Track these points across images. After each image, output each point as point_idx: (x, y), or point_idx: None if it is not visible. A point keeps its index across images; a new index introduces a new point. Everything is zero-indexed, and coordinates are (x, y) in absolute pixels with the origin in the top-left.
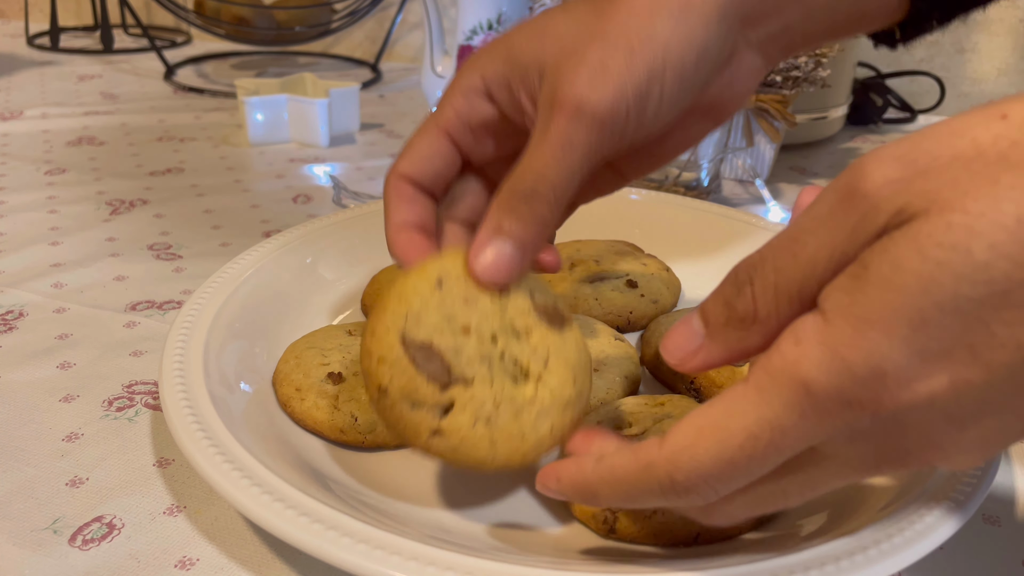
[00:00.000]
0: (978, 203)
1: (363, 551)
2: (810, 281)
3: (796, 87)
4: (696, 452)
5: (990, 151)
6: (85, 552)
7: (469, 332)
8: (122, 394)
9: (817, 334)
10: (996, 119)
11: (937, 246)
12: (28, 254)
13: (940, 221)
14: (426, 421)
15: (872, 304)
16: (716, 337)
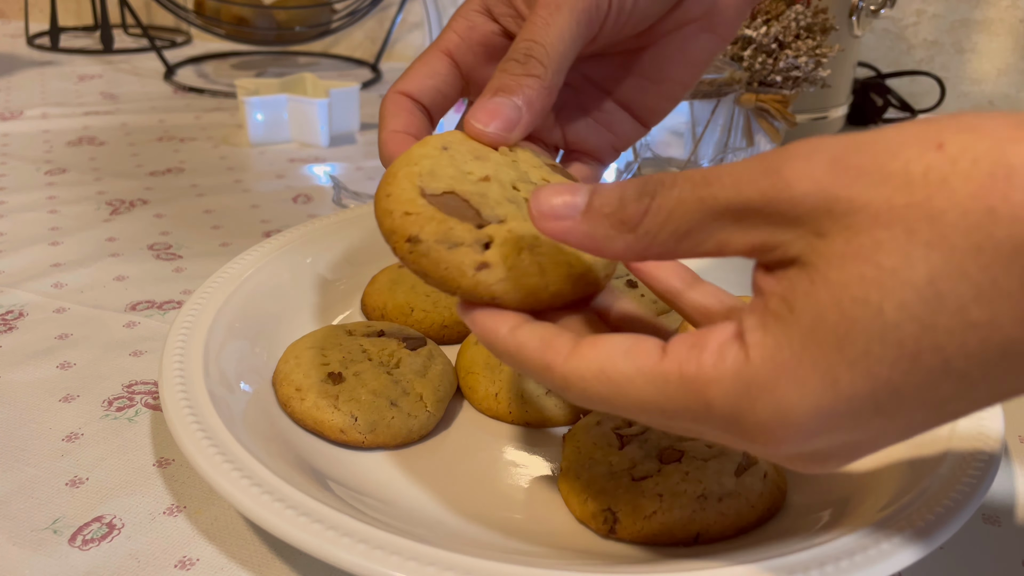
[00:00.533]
0: (891, 258)
1: (363, 551)
2: (701, 230)
3: (796, 87)
4: (588, 387)
5: (917, 183)
6: (85, 552)
7: (489, 180)
8: (122, 394)
9: (736, 367)
10: (932, 148)
11: (852, 301)
12: (28, 254)
13: (855, 271)
14: (469, 256)
15: (791, 352)
16: (590, 221)
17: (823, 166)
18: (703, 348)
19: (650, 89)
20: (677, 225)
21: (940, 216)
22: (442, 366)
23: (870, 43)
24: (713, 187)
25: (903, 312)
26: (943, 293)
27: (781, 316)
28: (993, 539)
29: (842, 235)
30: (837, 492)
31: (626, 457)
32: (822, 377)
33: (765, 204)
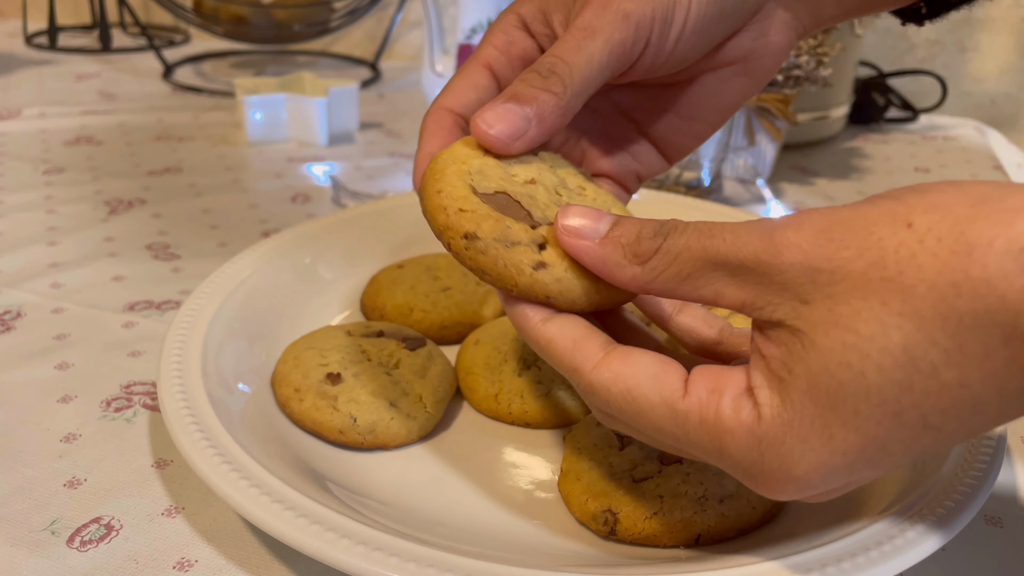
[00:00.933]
0: (868, 327)
1: (361, 552)
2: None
3: (798, 86)
4: (611, 400)
5: (890, 259)
6: (83, 553)
7: (535, 183)
8: (120, 395)
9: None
10: (903, 227)
11: (838, 365)
12: (26, 254)
13: (838, 338)
14: (527, 256)
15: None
16: (606, 246)
17: (810, 237)
18: (721, 395)
19: (678, 126)
20: (680, 268)
21: (911, 289)
22: (442, 367)
23: (872, 42)
24: (715, 240)
25: (883, 375)
26: (916, 358)
27: (783, 379)
28: (995, 540)
29: (824, 303)
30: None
31: (627, 458)
32: (820, 434)
33: (757, 265)
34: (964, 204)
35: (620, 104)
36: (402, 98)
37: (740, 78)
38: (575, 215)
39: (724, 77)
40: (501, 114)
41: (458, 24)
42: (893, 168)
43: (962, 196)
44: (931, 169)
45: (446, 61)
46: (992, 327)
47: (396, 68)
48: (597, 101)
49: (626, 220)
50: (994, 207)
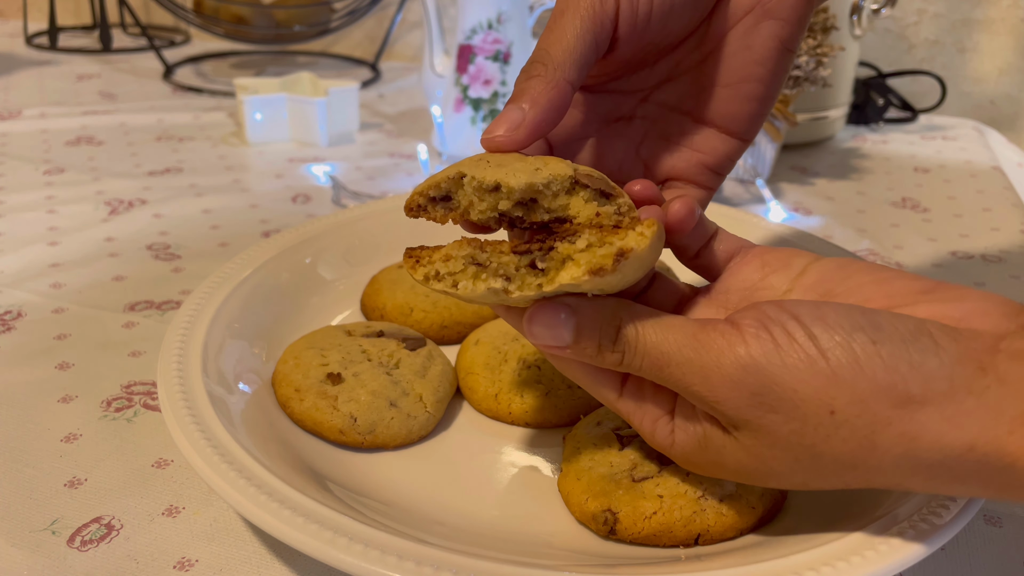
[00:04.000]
0: (775, 463)
1: (360, 551)
2: (662, 375)
3: (797, 86)
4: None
5: (809, 434)
6: (84, 553)
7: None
8: (121, 394)
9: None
10: (826, 413)
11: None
12: (26, 254)
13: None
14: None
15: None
16: (576, 353)
17: (745, 398)
18: (644, 414)
19: (726, 95)
20: (644, 370)
21: (819, 458)
22: (442, 366)
23: (871, 42)
24: (665, 372)
25: (781, 483)
26: (810, 484)
27: (700, 443)
28: (994, 540)
29: (751, 438)
30: (837, 494)
31: (626, 458)
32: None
33: (702, 402)
34: (886, 404)
35: (667, 102)
36: (402, 98)
37: (765, 21)
38: (541, 336)
39: (747, 27)
40: (497, 120)
41: (458, 24)
42: (892, 168)
43: (888, 393)
44: (930, 169)
45: (446, 61)
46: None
47: (396, 68)
48: (644, 108)
49: (583, 330)
50: (911, 415)
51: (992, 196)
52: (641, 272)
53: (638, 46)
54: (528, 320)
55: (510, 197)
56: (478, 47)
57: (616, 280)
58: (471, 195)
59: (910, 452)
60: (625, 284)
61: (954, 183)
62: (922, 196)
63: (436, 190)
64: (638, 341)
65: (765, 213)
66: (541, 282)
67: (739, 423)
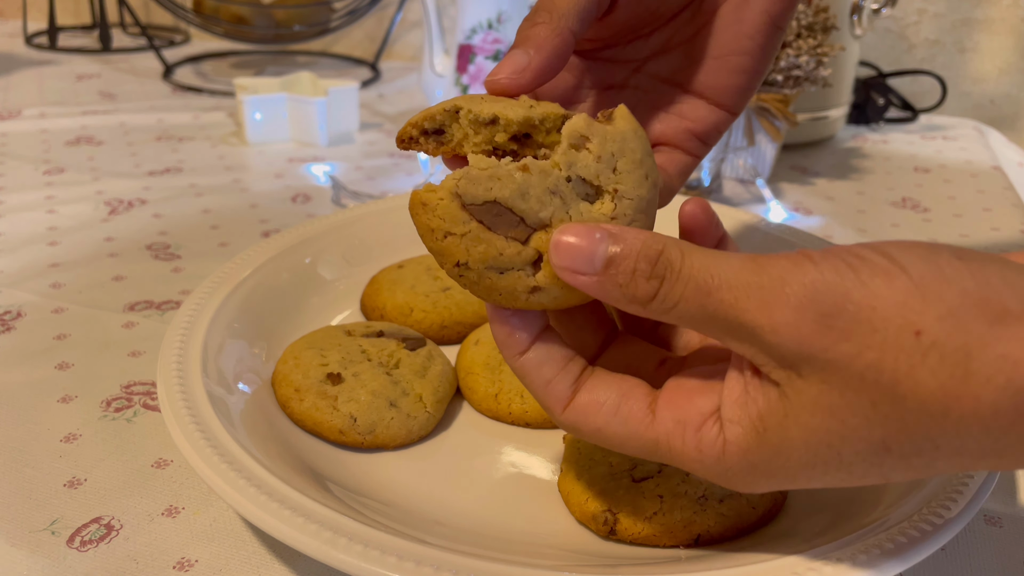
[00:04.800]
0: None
1: (360, 552)
2: (701, 324)
3: (797, 86)
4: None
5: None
6: (83, 553)
7: (528, 170)
8: (120, 395)
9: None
10: (910, 333)
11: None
12: (26, 254)
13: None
14: (520, 281)
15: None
16: (605, 285)
17: (810, 323)
18: (686, 426)
19: (715, 67)
20: (680, 316)
21: (901, 401)
22: (442, 366)
23: (871, 42)
24: (713, 299)
25: (858, 458)
26: (891, 448)
27: (757, 429)
28: (995, 541)
29: (817, 386)
30: (838, 494)
31: (626, 458)
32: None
33: (754, 334)
34: (981, 320)
35: (658, 74)
36: (402, 98)
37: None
38: (567, 253)
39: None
40: (502, 63)
41: (458, 24)
42: (892, 168)
43: (982, 308)
44: (931, 169)
45: (446, 61)
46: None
47: (396, 68)
48: (636, 78)
49: (621, 251)
50: (1013, 332)
51: (992, 196)
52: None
53: (635, 11)
54: (558, 235)
55: (507, 130)
56: (478, 47)
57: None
58: (466, 128)
59: (1013, 381)
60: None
61: (954, 183)
62: (922, 196)
63: (431, 122)
64: (683, 262)
65: (765, 213)
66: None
67: (802, 362)
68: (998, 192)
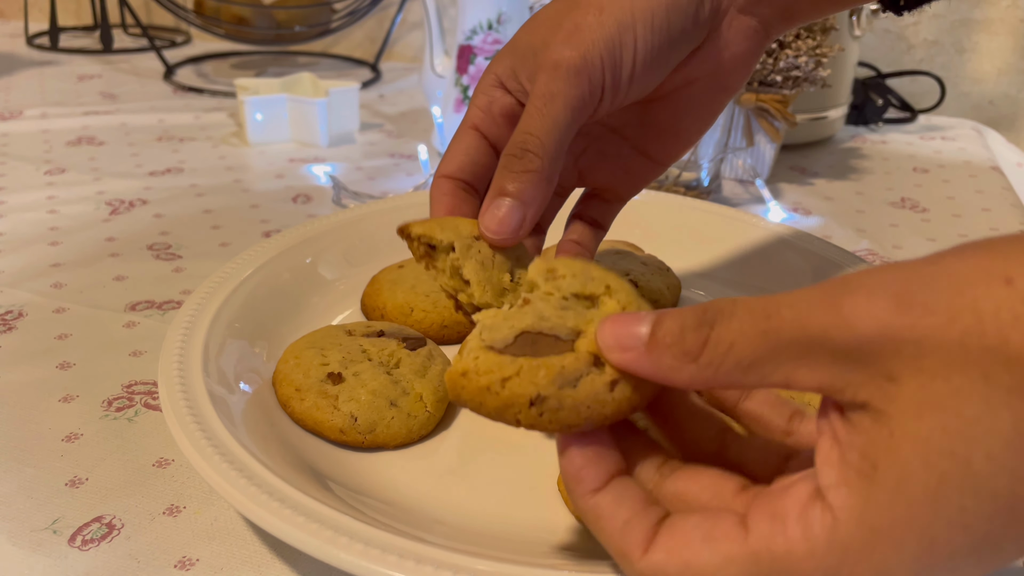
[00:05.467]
0: (972, 407)
1: (361, 550)
2: (766, 363)
3: (796, 87)
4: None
5: (990, 323)
6: (85, 552)
7: (530, 302)
8: (121, 394)
9: (826, 534)
10: (1000, 283)
11: (938, 454)
12: (28, 254)
13: (936, 423)
14: (598, 381)
15: (883, 513)
16: (653, 352)
17: (886, 304)
18: (786, 519)
19: (666, 137)
20: (740, 357)
21: (1018, 359)
22: (442, 366)
23: (870, 43)
24: (774, 321)
25: (993, 463)
26: None
27: (865, 473)
28: None
29: (915, 380)
30: None
31: None
32: (919, 538)
33: (827, 341)
34: None
35: (609, 123)
36: (403, 99)
37: (712, 90)
38: (612, 332)
39: (696, 92)
40: (499, 218)
41: (458, 25)
42: (891, 168)
43: None
44: (929, 170)
45: (446, 62)
46: None
47: (396, 69)
48: (588, 126)
49: (666, 315)
50: None
51: (991, 196)
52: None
53: (606, 111)
54: (602, 322)
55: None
56: (478, 47)
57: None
58: (445, 265)
59: None
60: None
61: (953, 183)
62: (921, 196)
63: (427, 238)
64: (735, 305)
65: (765, 213)
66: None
67: (888, 356)
68: (997, 192)
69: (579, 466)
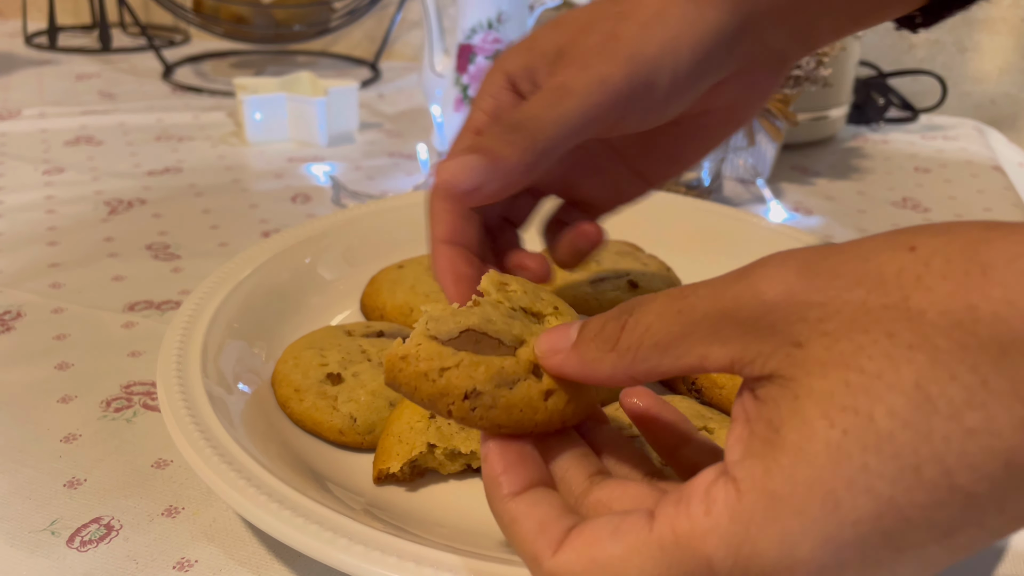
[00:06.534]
0: (874, 363)
1: (360, 552)
2: (681, 342)
3: (798, 86)
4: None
5: (892, 283)
6: (83, 553)
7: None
8: (120, 395)
9: (728, 507)
10: (904, 250)
11: (840, 410)
12: (26, 254)
13: (839, 378)
14: (533, 387)
15: (785, 477)
16: (579, 347)
17: (793, 271)
18: (690, 499)
19: (663, 161)
20: (657, 338)
21: (919, 316)
22: None
23: (871, 42)
24: (689, 299)
25: (895, 419)
26: (933, 396)
27: (768, 439)
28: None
29: (820, 342)
30: None
31: None
32: (822, 501)
33: (737, 311)
34: (974, 228)
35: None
36: (402, 98)
37: (724, 122)
38: (547, 338)
39: (708, 122)
40: (462, 164)
41: (458, 24)
42: (893, 168)
43: (972, 223)
44: (931, 169)
45: (446, 61)
46: (1020, 358)
47: (396, 68)
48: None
49: (593, 318)
50: (1008, 230)
51: (992, 196)
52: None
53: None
54: (539, 337)
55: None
56: (478, 47)
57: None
58: (441, 457)
59: None
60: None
61: (955, 183)
62: (923, 196)
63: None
64: (655, 295)
65: (765, 213)
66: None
67: (794, 321)
68: (998, 192)
69: (498, 471)
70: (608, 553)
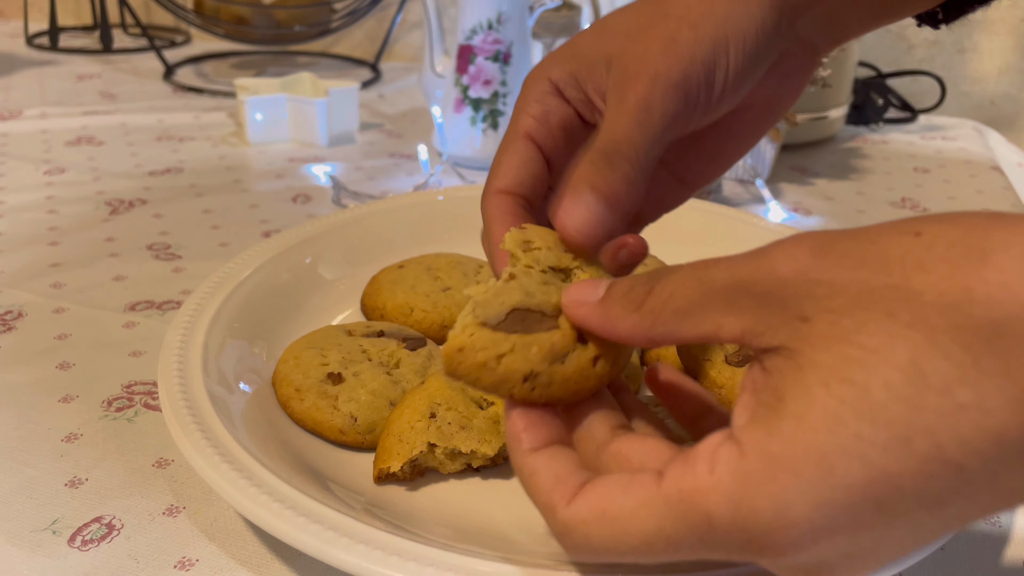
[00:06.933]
0: (873, 339)
1: (362, 551)
2: (700, 310)
3: None
4: (590, 532)
5: (895, 265)
6: (84, 553)
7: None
8: (121, 394)
9: (731, 467)
10: (909, 235)
11: (839, 381)
12: (27, 254)
13: (839, 352)
14: (583, 357)
15: (784, 440)
16: (605, 303)
17: (807, 250)
18: (696, 460)
19: (704, 162)
20: (678, 304)
21: (918, 296)
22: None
23: (870, 42)
24: (711, 270)
25: (889, 391)
26: (927, 372)
27: (772, 406)
28: (994, 540)
29: (825, 318)
30: None
31: None
32: (816, 464)
33: (753, 283)
34: (978, 217)
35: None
36: (402, 99)
37: (764, 115)
38: (575, 288)
39: (750, 116)
40: (584, 215)
41: (458, 25)
42: (892, 168)
43: (977, 213)
44: (930, 169)
45: (446, 62)
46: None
47: (396, 69)
48: None
49: (622, 279)
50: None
51: (992, 196)
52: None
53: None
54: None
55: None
56: (478, 47)
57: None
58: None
59: None
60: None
61: (954, 183)
62: (922, 196)
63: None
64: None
65: (765, 213)
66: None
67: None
68: (997, 192)
69: (520, 428)
70: (618, 505)
